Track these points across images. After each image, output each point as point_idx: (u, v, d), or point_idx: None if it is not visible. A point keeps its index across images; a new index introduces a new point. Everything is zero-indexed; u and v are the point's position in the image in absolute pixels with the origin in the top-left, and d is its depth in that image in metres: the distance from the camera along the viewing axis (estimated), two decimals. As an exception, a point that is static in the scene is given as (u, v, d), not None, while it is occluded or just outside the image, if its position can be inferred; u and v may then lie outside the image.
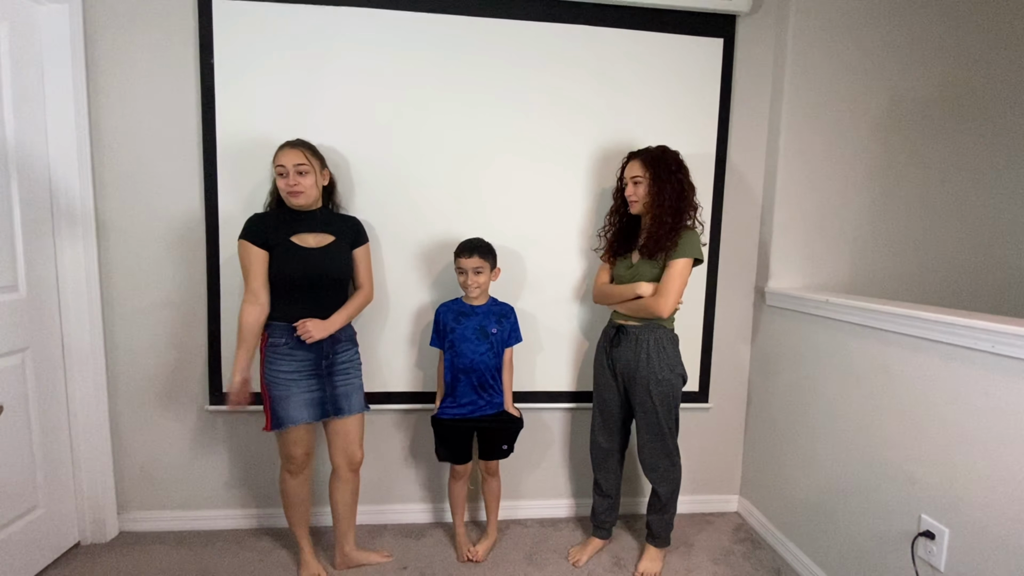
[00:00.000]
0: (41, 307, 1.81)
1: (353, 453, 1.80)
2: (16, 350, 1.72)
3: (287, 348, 1.67)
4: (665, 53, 2.07)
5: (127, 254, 1.97)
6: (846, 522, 1.73)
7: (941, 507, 1.41)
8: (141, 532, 2.08)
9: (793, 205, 2.13)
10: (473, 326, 1.87)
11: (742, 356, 2.30)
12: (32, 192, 1.76)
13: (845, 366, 1.76)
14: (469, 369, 1.86)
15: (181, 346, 2.02)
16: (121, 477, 2.07)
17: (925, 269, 2.20)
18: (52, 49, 1.79)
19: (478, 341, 1.86)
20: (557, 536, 2.16)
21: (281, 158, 1.64)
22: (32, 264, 1.77)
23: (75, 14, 1.81)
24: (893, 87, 2.10)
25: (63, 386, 1.91)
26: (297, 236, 1.67)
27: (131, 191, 1.94)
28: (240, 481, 2.13)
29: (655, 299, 1.73)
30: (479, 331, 1.87)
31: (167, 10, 1.88)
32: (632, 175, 1.79)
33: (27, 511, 1.78)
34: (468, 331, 1.86)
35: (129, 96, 1.91)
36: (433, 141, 2.01)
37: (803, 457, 1.96)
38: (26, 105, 1.73)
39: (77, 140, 1.84)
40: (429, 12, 1.96)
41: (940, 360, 1.42)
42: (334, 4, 1.91)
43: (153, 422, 2.06)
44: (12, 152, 1.69)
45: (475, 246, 1.83)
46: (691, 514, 2.34)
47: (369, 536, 2.10)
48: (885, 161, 2.14)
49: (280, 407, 1.66)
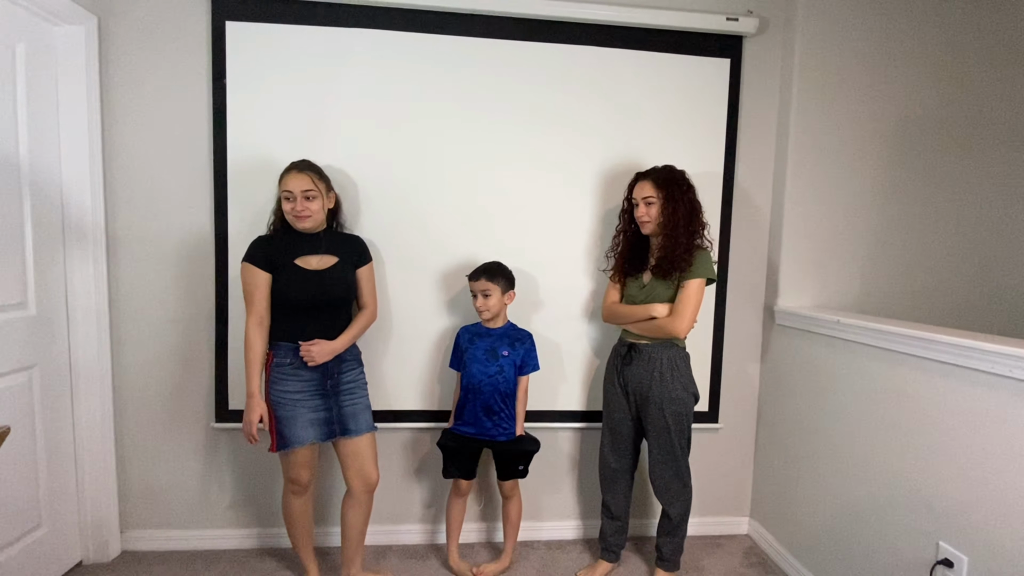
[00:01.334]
0: (50, 325, 1.81)
1: (369, 474, 1.77)
2: (24, 367, 1.72)
3: (292, 368, 1.66)
4: (672, 73, 2.08)
5: (136, 272, 1.97)
6: (861, 548, 1.70)
7: (960, 534, 1.37)
8: (143, 552, 2.06)
9: (802, 223, 2.12)
10: (484, 347, 1.87)
11: (752, 375, 2.28)
12: (44, 210, 1.78)
13: (857, 388, 1.73)
14: (476, 389, 1.85)
15: (187, 364, 2.02)
16: (124, 495, 2.05)
17: (937, 288, 2.18)
18: (67, 69, 1.82)
19: (487, 362, 1.85)
20: (565, 559, 2.12)
21: (288, 183, 1.64)
22: (42, 282, 1.77)
23: (91, 35, 1.84)
24: (902, 105, 2.11)
25: (69, 404, 1.91)
26: (301, 259, 1.68)
27: (142, 209, 1.95)
28: (244, 501, 2.11)
29: (672, 320, 1.73)
30: (489, 352, 1.86)
31: (181, 32, 1.91)
32: (644, 196, 1.78)
33: (31, 530, 1.77)
34: (479, 351, 1.86)
35: (142, 116, 1.93)
36: (440, 161, 2.02)
37: (815, 480, 1.92)
38: (40, 124, 1.75)
39: (90, 159, 1.86)
40: (436, 34, 1.98)
41: (956, 384, 1.40)
42: (342, 25, 1.94)
43: (158, 440, 2.04)
44: (25, 170, 1.70)
45: (483, 269, 1.84)
46: (700, 536, 2.29)
47: (374, 557, 2.07)
48: (895, 179, 2.13)
49: (286, 427, 1.65)
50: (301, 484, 1.73)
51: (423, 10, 1.95)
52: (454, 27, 1.98)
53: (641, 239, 1.87)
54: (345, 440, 1.73)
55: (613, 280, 1.93)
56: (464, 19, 1.98)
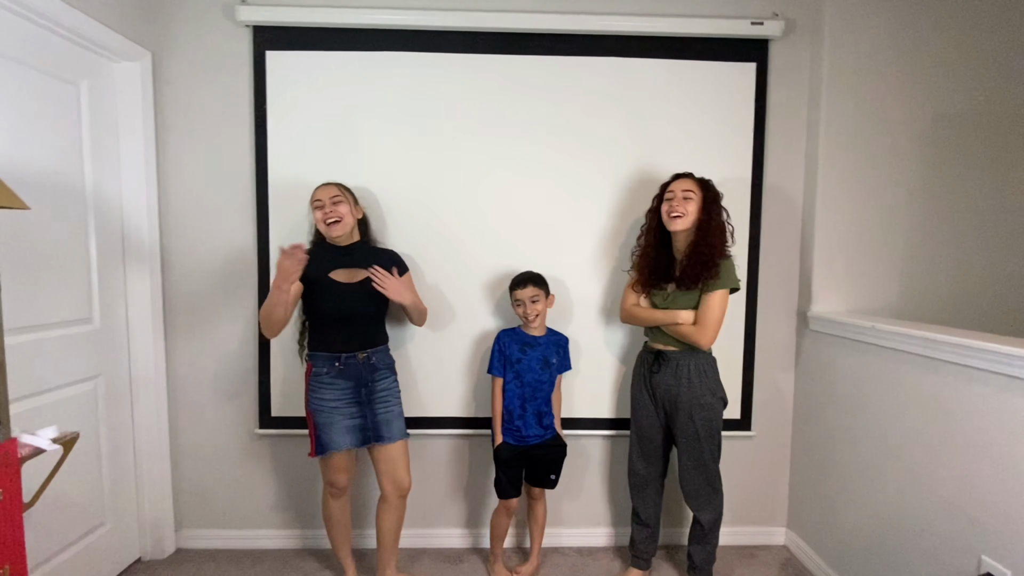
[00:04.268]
0: (112, 337, 1.97)
1: (401, 479, 1.84)
2: (90, 377, 1.87)
3: (329, 377, 1.75)
4: (695, 80, 2.08)
5: (187, 286, 2.12)
6: (901, 561, 1.64)
7: (1003, 547, 1.32)
8: (196, 549, 2.19)
9: (834, 227, 2.08)
10: (538, 356, 1.92)
11: (785, 382, 2.24)
12: (106, 232, 1.93)
13: (895, 395, 1.69)
14: (534, 398, 1.91)
15: (233, 372, 2.15)
16: (178, 496, 2.19)
17: (977, 291, 2.09)
18: (125, 102, 1.98)
19: (542, 371, 1.91)
20: (595, 566, 2.13)
21: (317, 194, 1.77)
22: (105, 297, 1.93)
23: (146, 70, 1.99)
24: (937, 103, 2.04)
25: (129, 410, 2.06)
26: (335, 272, 1.76)
27: (192, 229, 2.10)
28: (286, 503, 2.22)
29: (697, 331, 1.74)
30: (543, 361, 1.92)
31: (226, 63, 2.05)
32: (685, 188, 1.76)
33: (95, 527, 1.91)
34: (534, 362, 1.91)
35: (192, 142, 2.08)
36: (462, 175, 2.08)
37: (853, 490, 1.87)
38: (103, 153, 1.91)
39: (146, 183, 2.01)
40: (456, 52, 2.04)
41: (998, 392, 1.35)
42: (370, 49, 2.03)
43: (208, 444, 2.18)
44: (91, 198, 1.86)
45: (528, 277, 1.89)
46: (735, 546, 2.26)
47: (408, 560, 2.14)
48: (931, 179, 2.06)
49: (324, 434, 1.74)
50: (339, 487, 1.82)
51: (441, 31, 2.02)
52: (470, 46, 2.04)
53: (665, 243, 1.85)
54: (379, 447, 1.81)
55: (635, 288, 1.91)
56: (480, 37, 2.04)
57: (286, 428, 2.13)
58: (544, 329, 1.96)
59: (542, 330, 1.95)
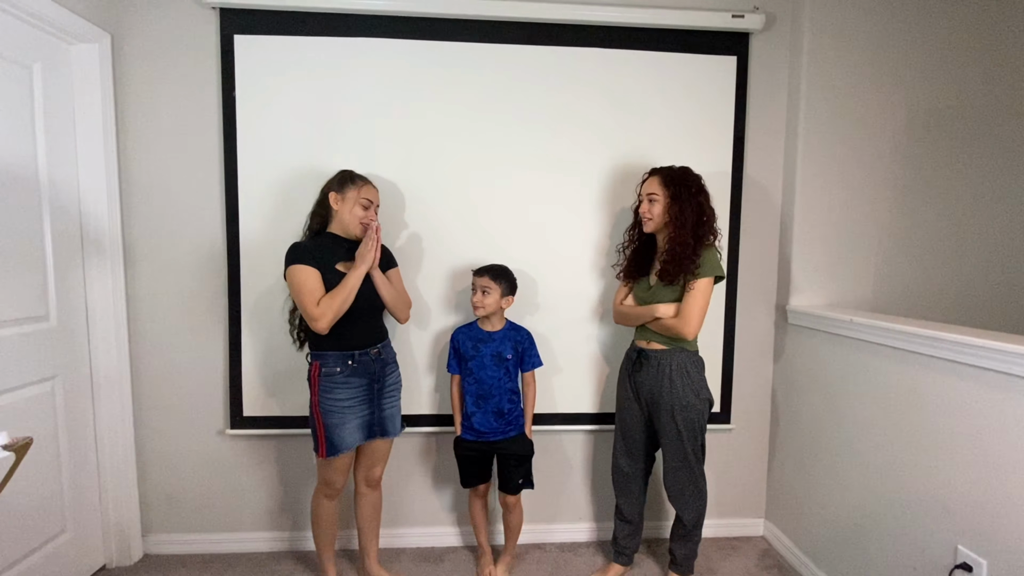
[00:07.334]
0: (71, 336, 1.86)
1: (379, 473, 1.85)
2: (46, 378, 1.77)
3: (342, 376, 1.69)
4: (678, 72, 2.07)
5: (152, 281, 2.02)
6: (878, 551, 1.67)
7: (978, 537, 1.35)
8: (165, 555, 2.11)
9: (813, 221, 2.09)
10: (490, 352, 1.87)
11: (764, 375, 2.26)
12: (63, 224, 1.83)
13: (873, 388, 1.70)
14: (488, 396, 1.86)
15: (201, 371, 2.06)
16: (145, 500, 2.10)
17: (952, 285, 2.14)
18: (82, 86, 1.86)
19: (496, 367, 1.86)
20: (577, 561, 2.12)
21: (369, 192, 1.73)
22: (62, 294, 1.82)
23: (104, 53, 1.88)
24: (912, 99, 2.06)
25: (91, 412, 1.96)
26: (341, 264, 1.70)
27: (156, 220, 2.00)
28: (259, 505, 2.15)
29: (679, 322, 1.71)
30: (496, 357, 1.87)
31: (191, 47, 1.95)
32: (648, 192, 1.76)
33: (55, 535, 1.82)
34: (486, 358, 1.86)
35: (155, 129, 1.97)
36: (448, 165, 2.03)
37: (831, 481, 1.90)
38: (58, 140, 1.80)
39: (106, 172, 1.91)
40: (441, 40, 1.99)
41: (973, 385, 1.37)
42: (347, 35, 1.96)
43: (176, 446, 2.09)
44: (45, 186, 1.75)
45: (489, 267, 1.85)
46: (715, 538, 2.28)
47: (387, 560, 2.09)
48: (909, 174, 2.09)
49: (335, 434, 1.68)
50: (337, 488, 1.77)
51: (425, 18, 1.97)
52: (456, 34, 1.99)
53: (650, 239, 1.86)
54: (379, 441, 1.79)
55: (622, 281, 1.92)
56: (465, 25, 1.99)
57: (258, 428, 2.05)
58: (502, 323, 1.91)
59: (498, 324, 1.90)
